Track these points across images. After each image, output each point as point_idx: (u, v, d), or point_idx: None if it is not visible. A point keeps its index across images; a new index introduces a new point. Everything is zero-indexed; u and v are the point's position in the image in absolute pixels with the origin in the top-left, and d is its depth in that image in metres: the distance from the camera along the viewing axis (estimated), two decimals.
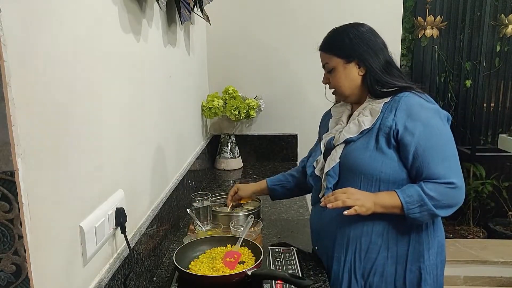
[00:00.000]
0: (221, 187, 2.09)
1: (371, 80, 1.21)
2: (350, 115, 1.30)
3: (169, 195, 1.42)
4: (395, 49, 2.09)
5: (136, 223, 1.15)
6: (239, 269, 1.10)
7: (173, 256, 1.15)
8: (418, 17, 3.28)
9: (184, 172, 1.68)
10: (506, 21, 3.30)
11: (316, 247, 1.33)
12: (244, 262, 1.17)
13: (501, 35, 3.34)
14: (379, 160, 1.16)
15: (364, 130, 1.20)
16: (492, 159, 3.42)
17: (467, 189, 3.24)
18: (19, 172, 0.60)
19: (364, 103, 1.25)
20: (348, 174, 1.20)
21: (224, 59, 2.46)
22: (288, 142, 2.52)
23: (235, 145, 2.43)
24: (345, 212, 1.11)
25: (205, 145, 2.24)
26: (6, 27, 0.57)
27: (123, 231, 0.98)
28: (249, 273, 1.07)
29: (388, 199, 1.13)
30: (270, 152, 2.54)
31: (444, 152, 1.14)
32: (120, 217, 0.97)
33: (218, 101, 2.23)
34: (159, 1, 1.20)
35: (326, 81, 1.29)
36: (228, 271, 1.11)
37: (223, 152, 2.39)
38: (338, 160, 1.22)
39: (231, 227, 1.39)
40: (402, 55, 3.33)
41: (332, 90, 1.30)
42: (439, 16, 3.27)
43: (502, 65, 3.39)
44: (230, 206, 1.56)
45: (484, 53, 3.31)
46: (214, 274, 1.10)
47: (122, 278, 0.97)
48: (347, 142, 1.22)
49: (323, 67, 1.29)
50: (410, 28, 3.37)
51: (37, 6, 0.67)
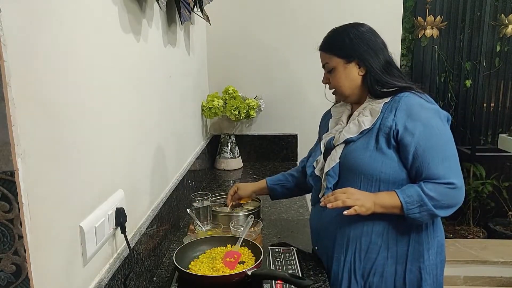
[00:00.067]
0: (221, 187, 2.09)
1: (371, 80, 1.21)
2: (350, 115, 1.30)
3: (169, 195, 1.42)
4: (395, 49, 2.09)
5: (136, 223, 1.15)
6: (239, 269, 1.10)
7: (173, 256, 1.15)
8: (418, 17, 3.28)
9: (184, 172, 1.68)
10: (506, 21, 3.30)
11: (316, 247, 1.33)
12: (244, 262, 1.17)
13: (501, 35, 3.34)
14: (379, 160, 1.16)
15: (364, 130, 1.20)
16: (492, 159, 3.42)
17: (467, 189, 3.25)
18: (19, 172, 0.60)
19: (364, 103, 1.25)
20: (348, 174, 1.20)
21: (224, 59, 2.46)
22: (288, 142, 2.52)
23: (235, 145, 2.43)
24: (345, 212, 1.11)
25: (205, 145, 2.24)
26: (6, 27, 0.57)
27: (123, 231, 0.98)
28: (249, 273, 1.07)
29: (388, 199, 1.13)
30: (270, 152, 2.54)
31: (444, 152, 1.14)
32: (120, 217, 0.97)
33: (218, 101, 2.23)
34: (159, 1, 1.20)
35: (326, 81, 1.29)
36: (228, 271, 1.11)
37: (223, 152, 2.39)
38: (338, 160, 1.22)
39: (231, 227, 1.39)
40: (402, 55, 3.33)
41: (332, 90, 1.30)
42: (439, 16, 3.27)
43: (502, 65, 3.39)
44: (230, 206, 1.56)
45: (484, 53, 3.31)
46: (214, 274, 1.10)
47: (122, 278, 0.97)
48: (347, 142, 1.22)
49: (323, 67, 1.29)
50: (410, 28, 3.37)
51: (37, 6, 0.67)
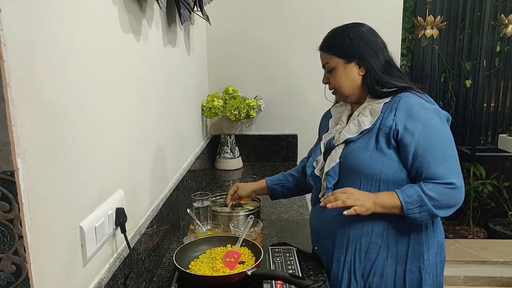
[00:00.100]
0: (221, 187, 2.09)
1: (371, 80, 1.21)
2: (350, 115, 1.30)
3: (169, 195, 1.42)
4: (395, 49, 2.09)
5: (136, 223, 1.15)
6: (239, 269, 1.10)
7: (173, 256, 1.15)
8: (418, 17, 3.28)
9: (184, 172, 1.68)
10: (506, 21, 3.30)
11: (316, 247, 1.33)
12: (244, 262, 1.17)
13: (501, 35, 3.34)
14: (379, 160, 1.16)
15: (364, 130, 1.20)
16: (492, 159, 3.42)
17: (467, 189, 3.25)
18: (19, 172, 0.60)
19: (364, 103, 1.25)
20: (348, 174, 1.20)
21: (224, 59, 2.46)
22: (288, 142, 2.52)
23: (235, 145, 2.43)
24: (345, 212, 1.11)
25: (205, 145, 2.24)
26: (6, 27, 0.57)
27: (123, 231, 0.98)
28: (249, 273, 1.07)
29: (388, 199, 1.13)
30: (270, 152, 2.54)
31: (444, 152, 1.14)
32: (120, 217, 0.97)
33: (218, 101, 2.23)
34: (159, 1, 1.20)
35: (326, 81, 1.29)
36: (228, 271, 1.11)
37: (223, 152, 2.39)
38: (338, 160, 1.22)
39: (231, 227, 1.39)
40: (402, 55, 3.33)
41: (332, 90, 1.30)
42: (439, 16, 3.27)
43: (502, 65, 3.39)
44: (230, 206, 1.56)
45: (484, 53, 3.31)
46: (214, 274, 1.10)
47: (122, 278, 0.97)
48: (347, 142, 1.22)
49: (323, 67, 1.29)
50: (410, 28, 3.37)
51: (37, 6, 0.67)
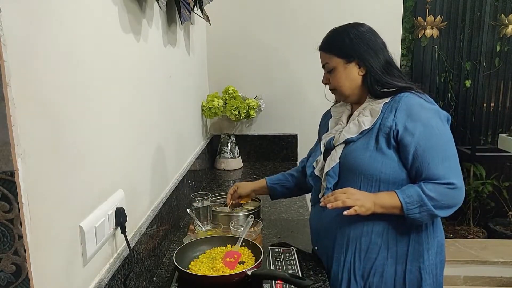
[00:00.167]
0: (221, 187, 2.09)
1: (371, 80, 1.21)
2: (350, 115, 1.30)
3: (169, 195, 1.42)
4: (395, 49, 2.09)
5: (136, 223, 1.15)
6: (239, 269, 1.10)
7: (173, 256, 1.15)
8: (418, 17, 3.28)
9: (184, 172, 1.68)
10: (506, 21, 3.30)
11: (316, 247, 1.33)
12: (244, 262, 1.17)
13: (501, 35, 3.34)
14: (379, 161, 1.16)
15: (364, 131, 1.19)
16: (492, 159, 3.42)
17: (467, 189, 3.25)
18: (19, 172, 0.60)
19: (364, 103, 1.24)
20: (348, 174, 1.20)
21: (224, 59, 2.46)
22: (288, 142, 2.52)
23: (235, 145, 2.43)
24: (345, 212, 1.11)
25: (205, 145, 2.24)
26: (6, 27, 0.57)
27: (123, 231, 0.98)
28: (249, 273, 1.07)
29: (388, 199, 1.13)
30: (270, 152, 2.54)
31: (444, 153, 1.14)
32: (120, 217, 0.97)
33: (218, 101, 2.23)
34: (159, 1, 1.20)
35: (326, 81, 1.29)
36: (228, 271, 1.11)
37: (223, 152, 2.39)
38: (338, 161, 1.22)
39: (231, 227, 1.39)
40: (402, 55, 3.33)
41: (332, 90, 1.30)
42: (439, 16, 3.27)
43: (502, 65, 3.39)
44: (230, 205, 1.56)
45: (484, 53, 3.31)
46: (214, 274, 1.10)
47: (122, 278, 0.97)
48: (347, 142, 1.22)
49: (323, 67, 1.29)
50: (410, 28, 3.37)
51: (37, 6, 0.67)
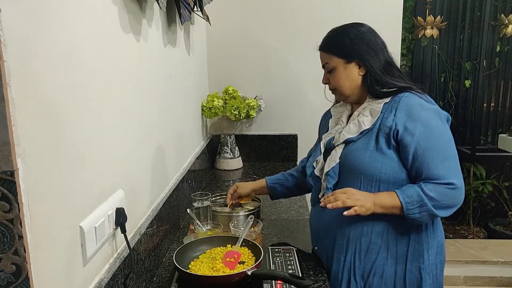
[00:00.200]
0: (221, 187, 2.09)
1: (371, 80, 1.21)
2: (350, 115, 1.30)
3: (169, 195, 1.42)
4: (395, 49, 2.09)
5: (136, 223, 1.15)
6: (239, 269, 1.10)
7: (173, 256, 1.15)
8: (418, 17, 3.28)
9: (184, 172, 1.68)
10: (506, 21, 3.30)
11: (316, 247, 1.33)
12: (244, 262, 1.17)
13: (501, 35, 3.34)
14: (379, 161, 1.16)
15: (364, 131, 1.19)
16: (492, 159, 3.42)
17: (467, 189, 3.25)
18: (19, 172, 0.60)
19: (364, 103, 1.24)
20: (348, 175, 1.20)
21: (224, 59, 2.46)
22: (288, 142, 2.52)
23: (235, 145, 2.43)
24: (345, 213, 1.11)
25: (205, 145, 2.24)
26: (6, 27, 0.57)
27: (123, 231, 0.98)
28: (249, 273, 1.07)
29: (388, 200, 1.13)
30: (270, 152, 2.54)
31: (444, 153, 1.14)
32: (120, 217, 0.97)
33: (218, 101, 2.23)
34: (159, 1, 1.20)
35: (326, 81, 1.29)
36: (228, 271, 1.11)
37: (223, 152, 2.39)
38: (338, 161, 1.22)
39: (231, 227, 1.39)
40: (402, 55, 3.33)
41: (332, 90, 1.30)
42: (439, 16, 3.27)
43: (502, 65, 3.39)
44: (230, 205, 1.56)
45: (484, 53, 3.31)
46: (214, 274, 1.10)
47: (122, 278, 0.97)
48: (347, 143, 1.22)
49: (323, 67, 1.29)
50: (410, 28, 3.37)
51: (37, 6, 0.67)
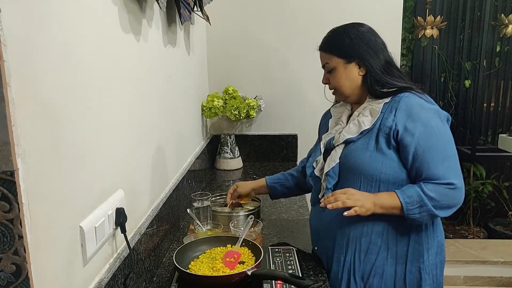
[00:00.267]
0: (221, 187, 2.09)
1: (371, 80, 1.21)
2: (350, 115, 1.30)
3: (169, 195, 1.42)
4: (395, 49, 2.09)
5: (136, 223, 1.15)
6: (239, 269, 1.10)
7: (173, 256, 1.15)
8: (418, 17, 3.28)
9: (184, 172, 1.68)
10: (506, 21, 3.30)
11: (316, 247, 1.33)
12: (244, 262, 1.17)
13: (501, 35, 3.34)
14: (379, 161, 1.16)
15: (364, 131, 1.19)
16: (492, 159, 3.42)
17: (467, 189, 3.25)
18: (19, 172, 0.60)
19: (364, 103, 1.24)
20: (348, 175, 1.20)
21: (224, 59, 2.46)
22: (288, 142, 2.52)
23: (235, 145, 2.43)
24: (345, 213, 1.11)
25: (205, 145, 2.24)
26: (6, 27, 0.57)
27: (123, 231, 0.98)
28: (249, 273, 1.07)
29: (388, 200, 1.13)
30: (270, 152, 2.54)
31: (444, 153, 1.14)
32: (120, 217, 0.97)
33: (218, 101, 2.23)
34: (159, 1, 1.20)
35: (326, 81, 1.29)
36: (228, 271, 1.11)
37: (223, 152, 2.39)
38: (338, 161, 1.22)
39: (231, 227, 1.39)
40: (402, 55, 3.33)
41: (332, 90, 1.30)
42: (439, 16, 3.27)
43: (502, 65, 3.39)
44: (230, 205, 1.56)
45: (484, 53, 3.31)
46: (214, 274, 1.10)
47: (122, 278, 0.97)
48: (347, 143, 1.22)
49: (323, 67, 1.29)
50: (410, 28, 3.37)
51: (37, 6, 0.67)
